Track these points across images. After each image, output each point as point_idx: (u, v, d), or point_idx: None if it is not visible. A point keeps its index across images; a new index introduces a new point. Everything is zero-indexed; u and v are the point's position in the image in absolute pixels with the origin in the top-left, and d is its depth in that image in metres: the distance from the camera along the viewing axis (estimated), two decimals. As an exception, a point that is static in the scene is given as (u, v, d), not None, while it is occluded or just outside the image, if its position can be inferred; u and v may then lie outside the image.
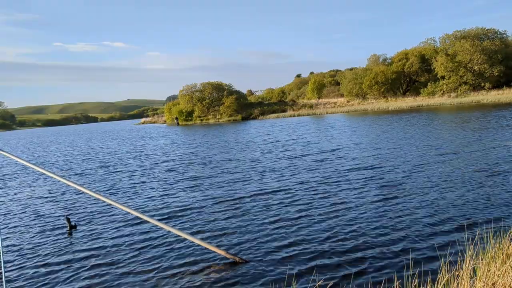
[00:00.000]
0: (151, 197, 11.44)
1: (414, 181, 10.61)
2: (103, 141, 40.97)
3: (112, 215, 9.67)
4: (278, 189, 11.10)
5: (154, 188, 12.66)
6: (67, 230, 8.69)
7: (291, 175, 12.98)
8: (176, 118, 69.05)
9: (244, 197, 10.52)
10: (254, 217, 8.54)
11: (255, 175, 13.53)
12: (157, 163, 18.56)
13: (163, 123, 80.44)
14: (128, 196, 11.83)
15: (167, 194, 11.57)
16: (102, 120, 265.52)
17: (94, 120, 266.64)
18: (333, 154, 16.77)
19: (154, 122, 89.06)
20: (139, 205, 10.56)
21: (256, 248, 6.77)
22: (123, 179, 14.97)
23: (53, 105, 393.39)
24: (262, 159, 17.35)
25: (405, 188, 10.00)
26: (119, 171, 17.17)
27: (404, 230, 7.04)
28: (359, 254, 6.15)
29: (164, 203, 10.55)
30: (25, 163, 6.19)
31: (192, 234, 7.48)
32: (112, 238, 7.92)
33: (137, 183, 13.81)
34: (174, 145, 28.33)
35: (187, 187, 12.41)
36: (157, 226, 7.78)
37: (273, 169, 14.51)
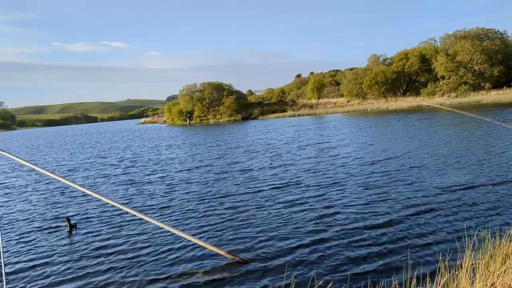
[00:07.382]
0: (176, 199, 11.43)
1: (412, 181, 10.61)
2: (128, 141, 38.70)
3: (112, 214, 9.67)
4: (280, 189, 11.12)
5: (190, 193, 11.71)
6: (68, 230, 8.71)
7: (293, 173, 13.00)
8: (188, 117, 67.61)
9: (244, 197, 10.53)
10: (255, 217, 8.55)
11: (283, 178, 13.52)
12: (193, 169, 16.41)
13: (163, 123, 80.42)
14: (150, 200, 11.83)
15: (200, 202, 10.87)
16: (102, 120, 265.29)
17: (94, 120, 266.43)
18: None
19: (154, 122, 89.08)
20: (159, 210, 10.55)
21: (257, 248, 6.78)
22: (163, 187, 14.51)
23: (53, 105, 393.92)
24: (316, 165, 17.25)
25: (403, 187, 10.01)
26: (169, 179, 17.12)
27: (402, 230, 7.04)
28: (358, 255, 6.16)
29: (192, 210, 10.06)
30: (25, 163, 6.19)
31: (192, 234, 7.48)
32: (112, 238, 7.93)
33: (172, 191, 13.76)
34: (200, 147, 25.80)
35: (217, 196, 12.36)
36: (157, 226, 7.79)
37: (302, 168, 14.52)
